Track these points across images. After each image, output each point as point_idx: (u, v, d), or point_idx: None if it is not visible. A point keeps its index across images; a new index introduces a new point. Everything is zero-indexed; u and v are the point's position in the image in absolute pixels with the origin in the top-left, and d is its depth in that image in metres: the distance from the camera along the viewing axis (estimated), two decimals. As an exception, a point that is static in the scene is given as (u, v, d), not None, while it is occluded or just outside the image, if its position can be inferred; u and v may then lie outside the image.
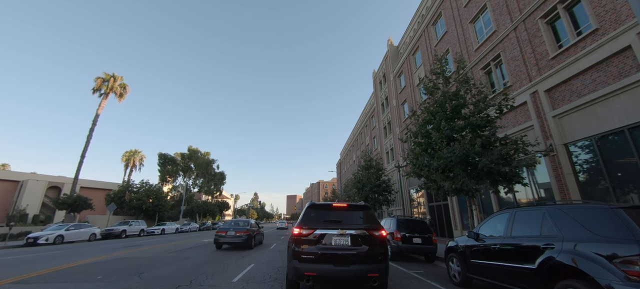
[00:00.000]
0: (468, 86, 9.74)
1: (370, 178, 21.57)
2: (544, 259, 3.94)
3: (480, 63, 13.92)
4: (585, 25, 9.13)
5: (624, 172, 7.85)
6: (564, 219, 4.05)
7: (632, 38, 7.55)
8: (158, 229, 28.46)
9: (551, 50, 10.18)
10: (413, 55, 22.83)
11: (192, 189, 51.28)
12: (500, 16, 12.79)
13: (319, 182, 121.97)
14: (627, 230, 3.24)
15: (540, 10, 10.59)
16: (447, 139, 9.31)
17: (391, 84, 27.78)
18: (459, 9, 16.16)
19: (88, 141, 30.44)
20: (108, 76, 32.53)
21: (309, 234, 4.87)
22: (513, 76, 11.91)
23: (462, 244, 6.29)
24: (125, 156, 46.38)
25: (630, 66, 7.68)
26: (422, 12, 21.78)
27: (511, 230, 4.94)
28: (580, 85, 9.03)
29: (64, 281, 6.24)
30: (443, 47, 17.78)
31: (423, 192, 20.23)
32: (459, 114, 9.69)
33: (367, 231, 4.90)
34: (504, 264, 4.82)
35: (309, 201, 5.90)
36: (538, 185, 10.77)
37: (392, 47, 29.03)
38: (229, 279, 6.41)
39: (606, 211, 3.62)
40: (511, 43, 12.02)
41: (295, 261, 4.75)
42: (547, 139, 9.99)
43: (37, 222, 33.00)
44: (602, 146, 8.44)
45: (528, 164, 8.42)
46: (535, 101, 10.62)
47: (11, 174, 39.49)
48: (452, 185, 8.85)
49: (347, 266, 4.64)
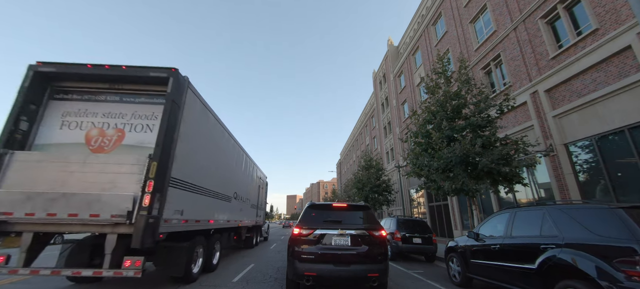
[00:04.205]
0: (469, 85, 9.75)
1: (370, 178, 21.59)
2: (544, 259, 3.95)
3: (480, 63, 13.92)
4: (585, 25, 9.13)
5: (624, 172, 7.86)
6: (564, 219, 4.05)
7: (632, 38, 7.55)
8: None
9: (551, 50, 10.18)
10: (413, 55, 22.84)
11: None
12: (500, 16, 12.79)
13: (319, 182, 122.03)
14: (627, 230, 3.24)
15: (540, 10, 10.60)
16: (447, 139, 9.32)
17: (391, 84, 27.78)
18: (459, 9, 16.17)
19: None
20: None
21: (309, 234, 4.88)
22: (513, 76, 11.91)
23: (462, 244, 6.30)
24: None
25: (630, 66, 7.68)
26: (422, 12, 21.79)
27: (511, 230, 4.95)
28: (580, 85, 9.03)
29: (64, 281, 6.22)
30: (443, 47, 17.78)
31: (423, 192, 20.22)
32: (459, 114, 9.70)
33: (367, 231, 4.91)
34: (504, 264, 4.82)
35: (309, 201, 5.91)
36: (538, 185, 10.77)
37: (392, 47, 29.04)
38: (229, 279, 6.41)
39: (606, 211, 3.62)
40: (511, 43, 12.02)
41: (295, 261, 4.75)
42: (547, 139, 10.00)
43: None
44: (602, 146, 8.44)
45: (528, 164, 8.42)
46: (535, 101, 10.62)
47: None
48: (452, 185, 8.86)
49: (347, 266, 4.66)
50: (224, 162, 8.15)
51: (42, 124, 5.29)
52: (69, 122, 5.36)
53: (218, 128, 7.60)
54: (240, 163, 9.98)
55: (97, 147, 5.19)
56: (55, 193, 4.46)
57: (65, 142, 5.20)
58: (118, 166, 4.77)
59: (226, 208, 8.33)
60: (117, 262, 4.45)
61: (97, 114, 5.45)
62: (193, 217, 5.97)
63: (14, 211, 4.35)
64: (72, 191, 4.53)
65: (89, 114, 5.45)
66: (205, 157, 6.65)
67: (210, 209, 6.99)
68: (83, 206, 4.42)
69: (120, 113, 5.50)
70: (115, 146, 5.24)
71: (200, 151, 6.36)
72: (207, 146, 6.81)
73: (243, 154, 10.46)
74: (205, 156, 6.69)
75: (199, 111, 6.25)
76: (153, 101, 5.57)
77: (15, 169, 4.63)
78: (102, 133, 5.31)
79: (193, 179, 5.97)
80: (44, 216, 4.37)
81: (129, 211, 4.37)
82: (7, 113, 4.89)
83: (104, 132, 5.33)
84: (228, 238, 9.63)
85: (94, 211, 4.39)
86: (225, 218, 8.23)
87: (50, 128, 5.28)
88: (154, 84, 5.51)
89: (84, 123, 5.37)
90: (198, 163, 6.25)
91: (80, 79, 5.51)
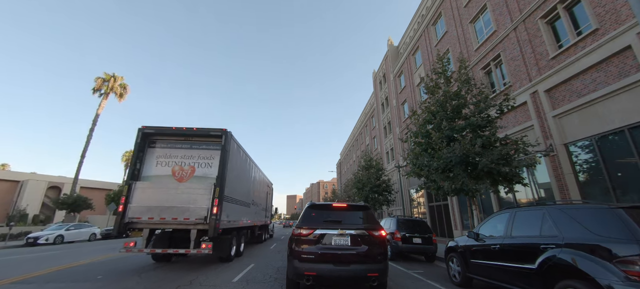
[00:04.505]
0: (469, 85, 9.74)
1: (371, 178, 21.58)
2: (544, 259, 3.95)
3: (480, 63, 13.92)
4: (585, 25, 9.13)
5: (624, 172, 7.85)
6: (564, 219, 4.05)
7: (632, 38, 7.55)
8: (158, 229, 28.44)
9: (551, 50, 10.18)
10: (413, 55, 22.83)
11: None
12: (500, 16, 12.79)
13: (319, 182, 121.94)
14: (627, 230, 3.24)
15: (540, 10, 10.59)
16: (447, 139, 9.31)
17: (391, 84, 27.78)
18: (459, 9, 16.16)
19: (88, 141, 30.43)
20: (108, 76, 32.49)
21: (309, 234, 4.89)
22: (513, 76, 11.91)
23: (462, 244, 6.30)
24: (125, 156, 46.34)
25: (630, 66, 7.68)
26: (422, 12, 21.78)
27: (511, 230, 4.94)
28: (581, 85, 9.03)
29: (64, 281, 6.25)
30: (443, 47, 17.78)
31: (423, 192, 20.22)
32: (459, 114, 9.69)
33: (367, 231, 4.93)
34: (504, 264, 4.82)
35: (309, 201, 5.92)
36: (538, 185, 10.77)
37: (392, 47, 29.03)
38: (229, 279, 6.41)
39: (606, 211, 3.62)
40: (511, 43, 12.02)
41: (296, 260, 4.77)
42: (547, 139, 9.99)
43: (37, 222, 33.02)
44: (602, 146, 8.43)
45: (528, 164, 8.41)
46: (535, 101, 10.62)
47: (11, 174, 39.51)
48: (452, 185, 8.86)
49: (346, 265, 4.67)
50: (246, 178, 11.10)
51: (144, 163, 8.25)
52: (161, 162, 8.33)
53: (245, 157, 10.79)
54: (255, 176, 13.00)
55: (179, 178, 8.19)
56: (164, 206, 7.42)
57: (160, 174, 8.18)
58: (195, 189, 7.70)
59: (248, 212, 11.27)
60: (197, 245, 7.39)
61: (177, 156, 8.44)
62: (233, 219, 8.96)
63: (141, 216, 7.37)
64: (172, 204, 7.46)
65: (172, 157, 8.40)
66: (238, 178, 9.68)
67: (240, 214, 9.95)
68: (180, 213, 7.42)
69: (191, 155, 8.47)
70: (190, 177, 8.24)
71: (236, 175, 9.38)
72: (239, 171, 9.88)
73: (256, 168, 13.08)
74: (238, 178, 9.72)
75: (236, 151, 9.33)
76: (211, 147, 8.54)
77: (138, 192, 7.53)
78: (181, 169, 8.33)
79: (233, 194, 8.94)
80: (158, 219, 7.39)
81: (205, 216, 7.38)
82: (130, 159, 8.33)
83: (182, 168, 8.34)
84: (247, 234, 12.06)
85: (185, 216, 7.42)
86: (247, 220, 11.11)
87: (149, 166, 8.27)
88: (212, 138, 8.51)
89: (170, 162, 8.34)
90: (235, 183, 9.25)
91: (166, 135, 8.50)
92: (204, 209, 7.41)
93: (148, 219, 7.33)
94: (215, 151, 8.35)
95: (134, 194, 7.49)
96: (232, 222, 8.88)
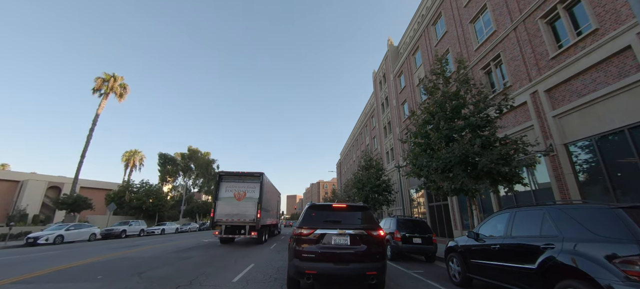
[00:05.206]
0: (468, 86, 9.73)
1: (370, 178, 21.56)
2: (544, 259, 3.95)
3: (480, 63, 13.92)
4: (585, 25, 9.13)
5: (624, 172, 7.86)
6: (564, 219, 4.05)
7: (632, 38, 7.55)
8: (158, 229, 28.48)
9: (551, 50, 10.18)
10: (413, 55, 22.84)
11: (192, 189, 51.24)
12: (500, 16, 12.79)
13: (319, 182, 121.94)
14: (627, 230, 3.24)
15: (540, 10, 10.60)
16: (446, 140, 9.31)
17: (391, 84, 27.79)
18: (459, 9, 16.17)
19: (88, 140, 30.45)
20: (108, 76, 32.52)
21: (310, 234, 4.95)
22: (513, 76, 11.91)
23: (462, 244, 6.30)
24: (125, 156, 46.39)
25: (630, 66, 7.68)
26: (422, 12, 21.79)
27: (511, 230, 4.95)
28: (580, 85, 9.03)
29: (64, 281, 6.25)
30: (443, 47, 17.79)
31: (423, 192, 20.23)
32: (458, 114, 9.68)
33: (366, 231, 4.99)
34: (504, 264, 4.82)
35: (309, 202, 5.94)
36: (538, 185, 10.77)
37: (392, 47, 29.03)
38: (229, 279, 6.41)
39: (606, 211, 3.62)
40: (511, 43, 12.03)
41: (296, 259, 4.83)
42: (547, 139, 9.99)
43: (37, 222, 33.02)
44: (602, 146, 8.44)
45: (528, 164, 8.42)
46: (535, 101, 10.62)
47: (11, 174, 39.53)
48: (452, 185, 8.85)
49: (346, 264, 4.75)
50: (270, 197, 18.25)
51: (219, 190, 14.62)
52: (228, 189, 14.65)
53: (270, 185, 18.24)
54: (273, 192, 20.23)
55: (238, 198, 14.52)
56: (232, 213, 14.15)
57: (228, 196, 14.53)
58: (247, 204, 14.35)
59: (270, 216, 18.06)
60: (250, 233, 13.93)
61: (237, 186, 14.75)
62: (264, 221, 15.22)
63: (222, 218, 14.01)
64: (236, 212, 14.19)
65: (233, 187, 14.70)
66: (267, 198, 16.52)
67: (267, 217, 16.42)
68: (240, 217, 14.12)
69: (244, 186, 14.79)
70: (244, 198, 14.55)
71: (267, 198, 16.48)
72: (268, 194, 16.91)
73: (273, 188, 20.27)
74: (267, 197, 16.56)
75: (267, 182, 16.45)
76: (254, 182, 14.90)
77: (219, 206, 14.26)
78: (239, 193, 14.63)
79: (265, 207, 15.62)
80: (229, 219, 14.03)
81: (253, 219, 14.05)
82: (213, 189, 16.36)
83: (239, 193, 14.64)
84: (269, 228, 18.22)
85: (243, 219, 14.09)
86: (269, 221, 17.61)
87: (222, 191, 14.60)
88: (255, 177, 15.03)
89: (232, 189, 14.66)
90: (266, 201, 15.83)
91: (230, 175, 15.07)
92: (253, 215, 14.08)
93: (224, 220, 13.92)
94: (256, 184, 14.79)
95: (217, 207, 14.14)
96: (263, 222, 15.07)
